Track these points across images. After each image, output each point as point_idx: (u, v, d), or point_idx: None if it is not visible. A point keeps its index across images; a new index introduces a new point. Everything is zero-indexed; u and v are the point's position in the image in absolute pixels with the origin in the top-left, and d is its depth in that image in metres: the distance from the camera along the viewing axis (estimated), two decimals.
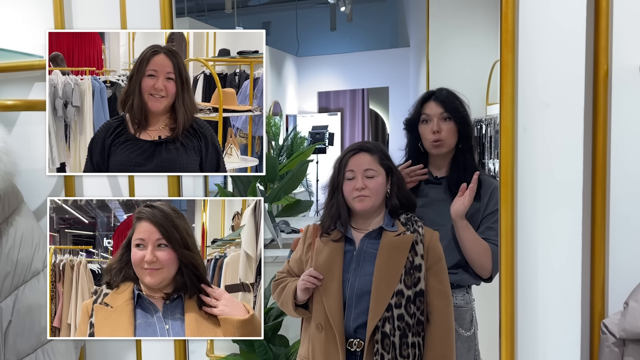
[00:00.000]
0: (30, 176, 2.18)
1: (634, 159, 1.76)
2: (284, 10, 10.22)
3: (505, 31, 1.71)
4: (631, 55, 1.73)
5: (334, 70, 10.04)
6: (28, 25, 2.20)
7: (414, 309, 1.83)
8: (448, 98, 2.19)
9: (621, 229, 1.78)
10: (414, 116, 2.24)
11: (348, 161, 1.92)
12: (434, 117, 2.18)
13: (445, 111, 2.17)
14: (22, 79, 2.21)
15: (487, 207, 2.17)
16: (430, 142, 2.19)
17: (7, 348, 1.97)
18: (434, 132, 2.17)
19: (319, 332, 1.89)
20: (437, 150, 2.20)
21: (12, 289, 1.99)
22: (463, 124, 2.19)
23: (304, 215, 5.57)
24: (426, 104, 2.21)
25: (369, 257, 1.88)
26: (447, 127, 2.17)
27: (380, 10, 10.16)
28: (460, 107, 2.19)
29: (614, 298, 1.78)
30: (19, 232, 2.01)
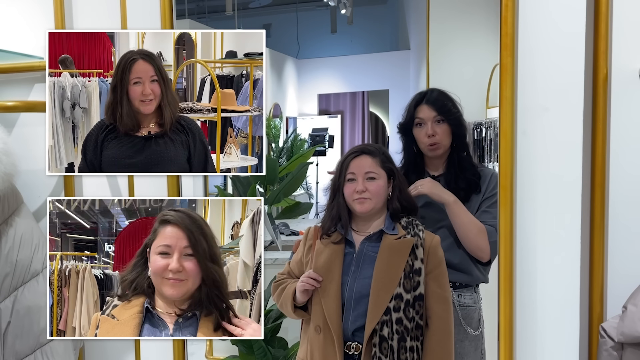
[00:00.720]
0: (29, 177, 2.18)
1: (633, 163, 1.76)
2: (284, 13, 10.23)
3: (504, 35, 1.71)
4: (631, 59, 1.74)
5: (334, 72, 10.05)
6: (29, 25, 2.21)
7: (412, 313, 1.83)
8: (440, 100, 2.21)
9: (620, 233, 1.78)
10: (408, 120, 2.25)
11: (349, 164, 1.92)
12: (427, 121, 2.19)
13: (438, 114, 2.18)
14: (22, 80, 2.21)
15: (485, 193, 2.19)
16: (426, 145, 2.21)
17: (6, 349, 1.97)
18: (429, 135, 2.19)
19: (317, 334, 1.89)
20: (433, 152, 2.22)
21: (11, 290, 1.99)
22: (457, 125, 2.21)
23: (303, 218, 5.56)
24: (419, 107, 2.22)
25: (368, 260, 1.88)
26: (441, 129, 2.19)
27: (380, 12, 10.17)
28: (452, 109, 2.21)
29: (612, 301, 1.78)
30: (19, 233, 2.01)
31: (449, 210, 2.12)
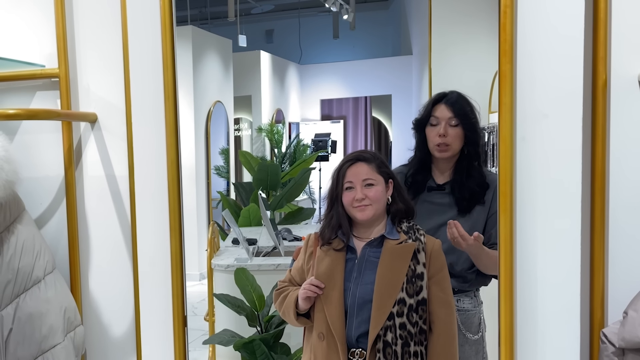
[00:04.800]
0: (31, 184, 2.19)
1: (633, 168, 1.75)
2: (286, 19, 10.27)
3: (503, 41, 1.71)
4: (630, 65, 1.73)
5: (337, 78, 10.10)
6: (32, 33, 2.21)
7: (416, 318, 1.83)
8: (459, 103, 2.19)
9: (621, 238, 1.77)
10: (424, 117, 2.23)
11: (346, 172, 1.92)
12: (442, 121, 2.17)
13: (454, 116, 2.16)
14: (24, 88, 2.21)
15: (492, 206, 2.17)
16: (435, 144, 2.19)
17: (8, 356, 1.98)
18: (440, 135, 2.17)
19: (320, 341, 1.89)
20: (440, 154, 2.19)
21: (13, 297, 1.99)
22: (471, 131, 2.18)
23: (306, 223, 5.59)
24: (436, 106, 2.20)
25: (370, 266, 1.88)
26: (454, 132, 2.17)
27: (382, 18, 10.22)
28: (470, 114, 2.19)
29: (613, 307, 1.78)
30: (20, 241, 2.02)
31: (471, 256, 2.13)
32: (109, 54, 2.14)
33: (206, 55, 7.43)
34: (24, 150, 2.20)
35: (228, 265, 3.56)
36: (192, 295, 4.11)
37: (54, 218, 2.23)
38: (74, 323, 2.10)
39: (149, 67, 2.04)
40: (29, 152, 2.21)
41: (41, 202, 2.24)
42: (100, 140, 2.17)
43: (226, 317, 3.40)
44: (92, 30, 2.16)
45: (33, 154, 2.22)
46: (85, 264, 2.22)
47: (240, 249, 3.94)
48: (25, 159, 2.12)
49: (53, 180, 2.22)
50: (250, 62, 8.73)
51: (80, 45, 2.17)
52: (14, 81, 2.19)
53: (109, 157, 2.17)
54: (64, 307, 2.06)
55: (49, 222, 2.23)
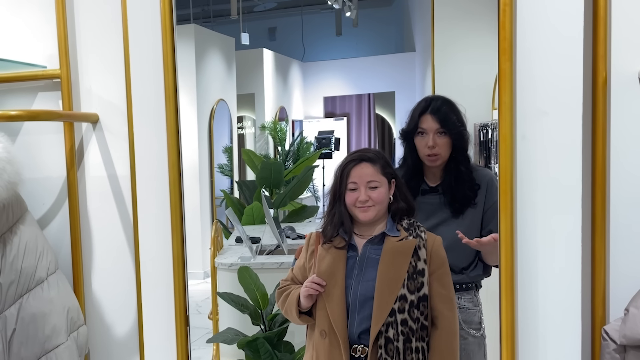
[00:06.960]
0: (33, 185, 2.20)
1: (633, 165, 1.75)
2: (289, 16, 10.26)
3: (503, 39, 1.70)
4: (630, 62, 1.73)
5: (340, 75, 10.08)
6: (33, 35, 2.22)
7: (417, 314, 1.83)
8: (444, 111, 2.19)
9: (621, 235, 1.77)
10: (411, 128, 2.24)
11: (350, 172, 1.91)
12: (429, 132, 2.18)
13: (441, 127, 2.18)
14: (26, 89, 2.22)
15: (486, 201, 2.21)
16: (426, 155, 2.21)
17: (12, 356, 1.99)
18: (429, 147, 2.18)
19: (322, 339, 1.89)
20: (432, 163, 2.22)
21: (16, 297, 2.00)
22: (458, 139, 2.20)
23: (309, 221, 5.59)
24: (423, 117, 2.21)
25: (371, 263, 1.89)
26: (442, 141, 2.19)
27: (385, 15, 10.19)
28: (457, 122, 2.20)
29: (614, 304, 1.78)
30: (23, 241, 2.02)
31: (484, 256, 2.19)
32: (110, 55, 2.14)
33: (209, 53, 7.44)
34: (26, 151, 2.21)
35: (231, 263, 3.57)
36: (196, 293, 4.13)
37: (57, 218, 2.24)
38: (77, 323, 2.10)
39: (150, 68, 2.05)
40: (31, 153, 2.22)
41: (43, 203, 2.25)
42: (101, 141, 2.18)
43: (230, 315, 3.41)
44: (93, 32, 2.17)
45: (35, 154, 2.22)
46: (87, 264, 2.23)
47: (243, 248, 3.95)
48: (27, 160, 2.13)
49: (55, 181, 2.23)
50: (253, 60, 8.72)
51: (82, 46, 2.17)
52: (15, 82, 2.20)
53: (110, 158, 2.17)
54: (67, 307, 2.06)
55: (51, 222, 2.24)
